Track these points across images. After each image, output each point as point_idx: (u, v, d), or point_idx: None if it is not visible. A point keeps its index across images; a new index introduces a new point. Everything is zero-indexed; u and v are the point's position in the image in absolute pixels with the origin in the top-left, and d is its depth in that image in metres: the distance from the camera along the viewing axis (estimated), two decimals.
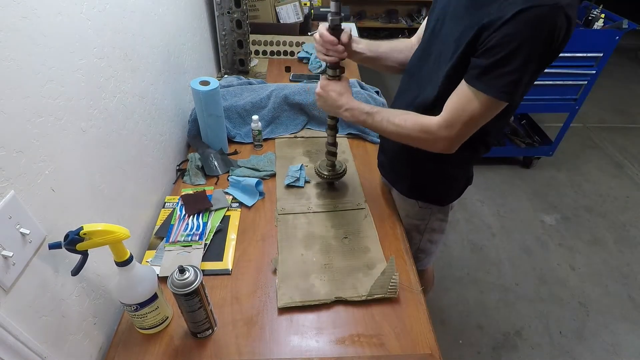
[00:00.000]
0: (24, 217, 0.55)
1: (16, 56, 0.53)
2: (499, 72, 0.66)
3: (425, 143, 0.81)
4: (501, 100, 0.69)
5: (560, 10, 0.60)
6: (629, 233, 2.17)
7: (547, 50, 0.64)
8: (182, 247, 0.91)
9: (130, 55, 0.87)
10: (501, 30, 0.63)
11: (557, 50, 0.65)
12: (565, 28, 0.62)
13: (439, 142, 0.78)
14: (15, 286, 0.54)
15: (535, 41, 0.62)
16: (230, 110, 1.29)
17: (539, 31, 0.61)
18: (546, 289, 1.86)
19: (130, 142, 0.88)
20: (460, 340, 1.64)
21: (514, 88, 0.67)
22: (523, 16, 0.60)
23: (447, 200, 1.01)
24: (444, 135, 0.76)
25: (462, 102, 0.72)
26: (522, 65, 0.64)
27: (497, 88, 0.67)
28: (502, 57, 0.64)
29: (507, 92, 0.67)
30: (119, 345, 0.74)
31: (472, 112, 0.71)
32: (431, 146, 0.80)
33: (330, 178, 1.06)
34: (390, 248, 0.94)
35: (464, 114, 0.72)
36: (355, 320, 0.79)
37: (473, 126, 0.75)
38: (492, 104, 0.70)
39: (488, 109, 0.71)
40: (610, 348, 1.62)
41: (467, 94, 0.71)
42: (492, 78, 0.67)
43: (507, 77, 0.66)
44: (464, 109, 0.72)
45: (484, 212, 2.27)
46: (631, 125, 3.15)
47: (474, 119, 0.72)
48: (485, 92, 0.68)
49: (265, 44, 1.81)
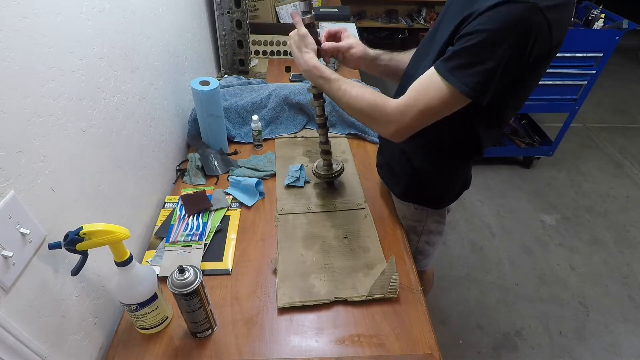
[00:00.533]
0: (24, 217, 0.55)
1: (16, 56, 0.53)
2: (464, 62, 0.63)
3: (376, 123, 0.78)
4: (460, 91, 0.65)
5: (536, 11, 0.58)
6: (629, 233, 2.17)
7: (521, 51, 0.61)
8: (182, 247, 0.91)
9: (130, 55, 0.87)
10: (475, 21, 0.62)
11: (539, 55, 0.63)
12: (545, 32, 0.60)
13: (390, 125, 0.75)
14: (15, 286, 0.54)
15: (506, 37, 0.60)
16: (230, 110, 1.30)
17: (510, 27, 0.59)
18: (546, 289, 1.86)
19: (130, 142, 0.88)
20: (460, 340, 1.64)
21: (476, 83, 0.63)
22: (497, 9, 0.59)
23: (442, 204, 1.00)
24: (397, 118, 0.73)
25: (424, 85, 0.69)
26: (489, 60, 0.61)
27: (459, 79, 0.64)
28: (470, 46, 0.62)
29: (467, 85, 0.64)
30: (119, 345, 0.74)
31: (431, 99, 0.68)
32: (381, 127, 0.77)
33: (326, 178, 1.06)
34: (390, 248, 0.94)
35: (423, 99, 0.69)
36: (355, 320, 0.79)
37: (428, 115, 0.71)
38: (451, 95, 0.66)
39: (446, 100, 0.67)
40: (610, 348, 1.62)
41: (431, 78, 0.68)
42: (456, 67, 0.64)
43: (471, 68, 0.63)
44: (425, 94, 0.69)
45: (484, 212, 2.27)
46: (631, 125, 3.15)
47: (430, 107, 0.69)
48: (446, 78, 0.65)
49: (265, 44, 1.81)
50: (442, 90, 0.67)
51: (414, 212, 1.02)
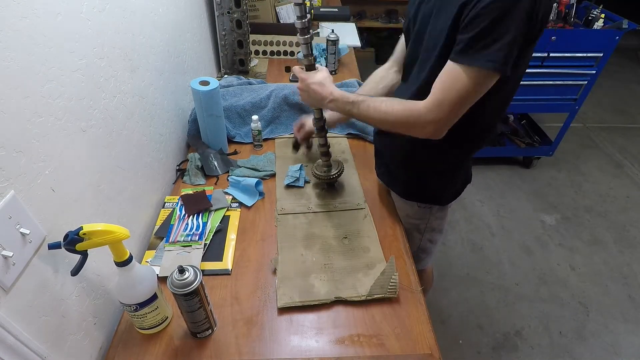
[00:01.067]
0: (24, 217, 0.55)
1: (16, 56, 0.53)
2: (484, 43, 0.64)
3: (413, 128, 0.77)
4: (489, 70, 0.66)
5: None
6: (629, 233, 2.17)
7: (531, 19, 0.63)
8: (181, 247, 0.91)
9: (130, 55, 0.87)
10: (482, 1, 0.62)
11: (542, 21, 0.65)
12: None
13: (428, 126, 0.75)
14: (15, 286, 0.54)
15: (514, 7, 0.61)
16: (230, 110, 1.30)
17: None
18: (546, 289, 1.86)
19: (130, 142, 0.88)
20: (460, 340, 1.64)
21: (502, 57, 0.64)
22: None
23: (445, 200, 1.00)
24: (433, 117, 0.73)
25: (450, 80, 0.69)
26: (506, 34, 0.63)
27: (484, 58, 0.65)
28: (484, 27, 0.63)
29: (495, 61, 0.65)
30: (119, 345, 0.74)
31: (461, 90, 0.68)
32: (420, 131, 0.77)
33: (325, 180, 1.05)
34: (390, 248, 0.94)
35: (452, 93, 0.69)
36: (355, 320, 0.79)
37: (463, 105, 0.71)
38: (480, 76, 0.67)
39: (477, 84, 0.68)
40: (610, 348, 1.62)
41: (454, 72, 0.68)
42: (477, 50, 0.65)
43: (492, 46, 0.64)
44: (452, 87, 0.69)
45: (484, 212, 2.27)
46: (631, 125, 3.15)
47: (462, 97, 0.69)
48: (470, 64, 0.66)
49: (265, 44, 1.81)
50: (470, 76, 0.67)
51: (417, 210, 1.02)
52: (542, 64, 2.10)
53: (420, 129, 0.77)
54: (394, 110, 0.78)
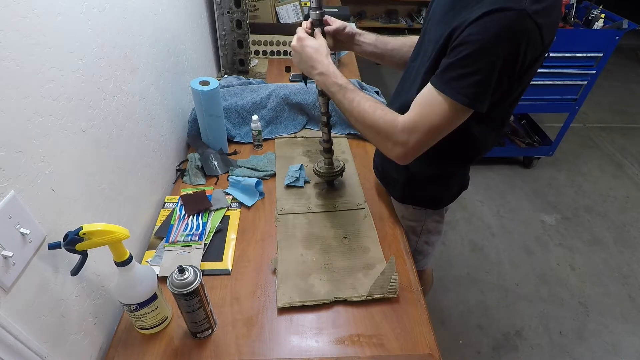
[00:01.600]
0: (24, 217, 0.55)
1: (16, 56, 0.53)
2: (460, 73, 0.63)
3: (384, 141, 0.75)
4: (460, 103, 0.64)
5: (526, 17, 0.58)
6: (629, 233, 2.17)
7: (514, 57, 0.61)
8: (181, 247, 0.91)
9: (130, 55, 0.87)
10: (466, 30, 0.61)
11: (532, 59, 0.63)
12: (537, 36, 0.60)
13: (396, 147, 0.73)
14: (15, 286, 0.54)
15: (498, 46, 0.60)
16: (230, 110, 1.30)
17: (502, 36, 0.59)
18: (546, 289, 1.86)
19: (130, 142, 0.88)
20: (460, 340, 1.64)
21: (475, 91, 0.63)
22: (488, 18, 0.59)
23: (440, 204, 1.00)
24: (404, 139, 0.71)
25: (426, 105, 0.69)
26: (484, 69, 0.61)
27: (457, 89, 0.64)
28: (463, 57, 0.62)
29: (467, 96, 0.64)
30: (118, 345, 0.74)
31: (435, 119, 0.67)
32: (390, 148, 0.75)
33: (328, 176, 1.05)
34: (389, 248, 0.94)
35: (427, 120, 0.68)
36: (355, 320, 0.79)
37: (435, 134, 0.70)
38: (453, 109, 0.66)
39: (450, 116, 0.67)
40: (610, 348, 1.62)
41: (430, 96, 0.68)
42: (453, 79, 0.64)
43: (468, 78, 0.63)
44: (428, 114, 0.68)
45: (484, 212, 2.27)
46: (631, 125, 3.15)
47: (435, 126, 0.68)
48: (444, 92, 0.65)
49: (265, 44, 1.81)
50: (443, 107, 0.66)
51: (412, 212, 1.02)
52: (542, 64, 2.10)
53: (390, 146, 0.75)
54: (375, 114, 0.75)
